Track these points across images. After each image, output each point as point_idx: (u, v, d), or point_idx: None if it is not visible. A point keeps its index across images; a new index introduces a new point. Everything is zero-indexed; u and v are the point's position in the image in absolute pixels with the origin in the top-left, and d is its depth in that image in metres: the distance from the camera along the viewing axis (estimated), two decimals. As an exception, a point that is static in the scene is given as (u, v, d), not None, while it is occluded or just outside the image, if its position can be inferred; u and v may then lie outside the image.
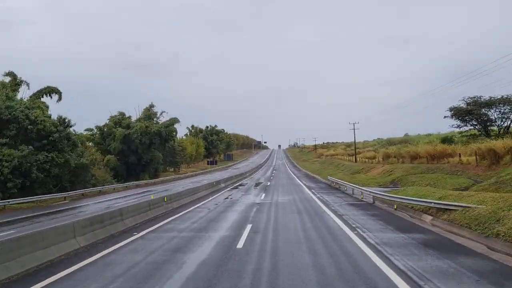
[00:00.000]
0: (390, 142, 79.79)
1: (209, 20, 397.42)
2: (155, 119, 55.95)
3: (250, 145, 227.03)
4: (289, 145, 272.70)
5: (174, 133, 55.79)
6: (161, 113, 57.21)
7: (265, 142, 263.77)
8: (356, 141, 69.81)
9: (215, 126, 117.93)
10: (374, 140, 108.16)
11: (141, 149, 50.84)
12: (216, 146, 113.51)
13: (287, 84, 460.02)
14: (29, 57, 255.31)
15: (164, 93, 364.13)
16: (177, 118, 55.75)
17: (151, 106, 56.84)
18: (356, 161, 60.99)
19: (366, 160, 56.88)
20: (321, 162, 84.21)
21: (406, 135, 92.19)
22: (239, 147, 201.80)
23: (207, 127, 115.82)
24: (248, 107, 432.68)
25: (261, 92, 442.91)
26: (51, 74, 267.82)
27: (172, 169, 68.79)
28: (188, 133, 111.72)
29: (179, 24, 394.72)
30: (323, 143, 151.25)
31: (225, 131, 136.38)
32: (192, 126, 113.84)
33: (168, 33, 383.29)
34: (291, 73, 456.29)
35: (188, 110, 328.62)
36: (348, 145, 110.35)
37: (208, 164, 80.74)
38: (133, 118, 56.92)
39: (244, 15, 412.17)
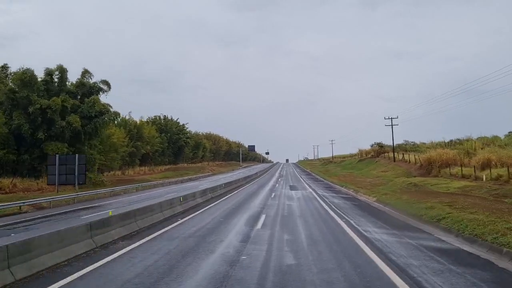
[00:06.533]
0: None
1: (213, 34, 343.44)
2: None
3: (244, 156, 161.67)
4: (298, 160, 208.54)
5: None
6: None
7: (267, 153, 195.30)
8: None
9: (95, 82, 42.67)
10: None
11: None
12: (93, 143, 44.79)
13: (295, 98, 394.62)
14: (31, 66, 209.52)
15: (168, 105, 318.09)
16: None
17: None
18: None
19: None
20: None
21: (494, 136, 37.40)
22: (220, 158, 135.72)
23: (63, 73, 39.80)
24: (253, 121, 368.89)
25: (266, 106, 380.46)
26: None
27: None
28: None
29: (183, 37, 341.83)
30: (380, 145, 68.09)
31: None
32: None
33: (172, 46, 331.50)
34: (298, 87, 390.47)
35: (188, 120, 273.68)
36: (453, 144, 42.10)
37: None
38: None
39: (249, 28, 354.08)
